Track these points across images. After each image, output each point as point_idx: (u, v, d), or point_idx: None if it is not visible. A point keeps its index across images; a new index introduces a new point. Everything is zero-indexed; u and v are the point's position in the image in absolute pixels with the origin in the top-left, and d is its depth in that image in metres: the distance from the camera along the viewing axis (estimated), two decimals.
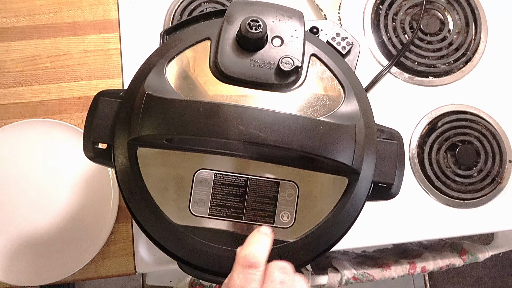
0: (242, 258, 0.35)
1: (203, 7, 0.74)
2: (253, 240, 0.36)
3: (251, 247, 0.36)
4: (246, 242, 0.37)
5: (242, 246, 0.36)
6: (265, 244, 0.36)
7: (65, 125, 0.67)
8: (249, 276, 0.34)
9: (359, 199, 0.45)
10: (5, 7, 0.72)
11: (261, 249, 0.36)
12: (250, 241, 0.36)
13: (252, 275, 0.34)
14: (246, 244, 0.36)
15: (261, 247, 0.36)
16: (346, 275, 0.72)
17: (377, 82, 0.75)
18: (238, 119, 0.40)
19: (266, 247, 0.36)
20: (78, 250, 0.66)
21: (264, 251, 0.36)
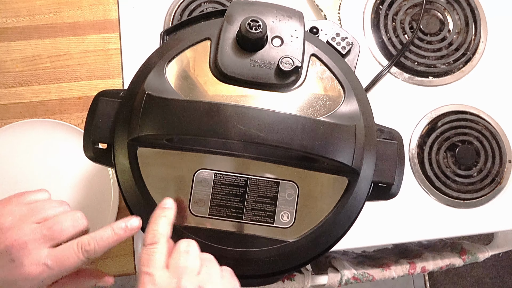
0: (144, 239, 0.39)
1: (203, 7, 0.74)
2: (152, 220, 0.40)
3: (151, 226, 0.39)
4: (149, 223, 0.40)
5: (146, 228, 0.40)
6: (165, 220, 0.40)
7: (65, 125, 0.67)
8: (151, 251, 0.38)
9: (359, 199, 0.45)
10: (5, 7, 0.72)
11: (161, 225, 0.39)
12: (149, 221, 0.40)
13: (153, 249, 0.38)
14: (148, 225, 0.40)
15: (161, 224, 0.39)
16: (346, 275, 0.72)
17: (377, 82, 0.75)
18: (238, 119, 0.40)
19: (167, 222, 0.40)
20: None
21: (165, 227, 0.40)
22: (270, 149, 0.41)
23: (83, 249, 0.39)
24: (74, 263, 0.39)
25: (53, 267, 0.38)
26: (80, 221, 0.42)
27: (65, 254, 0.39)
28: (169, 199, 0.42)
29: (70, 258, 0.39)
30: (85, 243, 0.39)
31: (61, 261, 0.39)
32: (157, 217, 0.40)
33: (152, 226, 0.40)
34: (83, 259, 0.39)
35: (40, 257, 0.38)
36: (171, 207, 0.41)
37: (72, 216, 0.41)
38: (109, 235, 0.40)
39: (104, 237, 0.40)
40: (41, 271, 0.38)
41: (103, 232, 0.40)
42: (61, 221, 0.40)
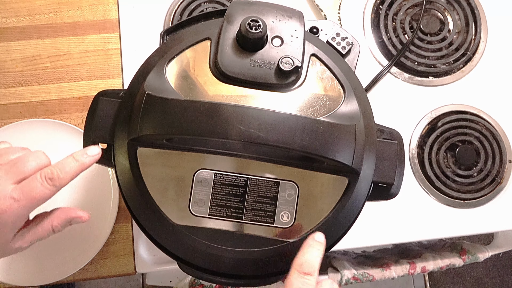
0: (299, 265, 0.39)
1: (203, 7, 0.74)
2: (309, 249, 0.40)
3: (307, 255, 0.40)
4: (302, 249, 0.40)
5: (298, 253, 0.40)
6: (319, 252, 0.40)
7: (65, 125, 0.67)
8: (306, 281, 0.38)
9: (359, 199, 0.45)
10: (5, 7, 0.72)
11: (316, 258, 0.40)
12: (305, 250, 0.40)
13: (309, 281, 0.38)
14: (301, 251, 0.40)
15: (315, 256, 0.40)
16: (346, 275, 0.72)
17: (377, 82, 0.75)
18: (238, 119, 0.40)
19: (320, 255, 0.40)
20: (78, 250, 0.66)
21: (318, 259, 0.40)
22: (270, 149, 0.41)
23: (46, 178, 0.40)
24: (40, 192, 0.40)
25: (20, 199, 0.40)
26: (42, 157, 0.43)
27: (30, 185, 0.40)
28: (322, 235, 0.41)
29: (36, 188, 0.40)
30: (48, 172, 0.41)
31: (27, 192, 0.40)
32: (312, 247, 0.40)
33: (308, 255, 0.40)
34: (49, 187, 0.40)
35: (6, 192, 0.40)
36: (323, 243, 0.41)
37: (34, 154, 0.43)
38: (70, 162, 0.42)
39: (66, 164, 0.42)
40: (9, 205, 0.39)
41: (64, 160, 0.42)
42: (23, 159, 0.42)
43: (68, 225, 0.45)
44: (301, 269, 0.39)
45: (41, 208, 0.66)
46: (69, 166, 0.42)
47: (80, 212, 0.45)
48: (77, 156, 0.43)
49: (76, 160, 0.42)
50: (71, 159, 0.42)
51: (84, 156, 0.43)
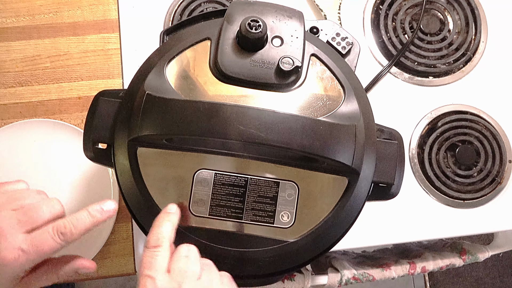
0: (147, 242, 0.39)
1: (203, 7, 0.74)
2: (156, 223, 0.40)
3: (155, 230, 0.40)
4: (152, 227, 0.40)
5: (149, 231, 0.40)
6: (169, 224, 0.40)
7: (65, 125, 0.67)
8: (154, 253, 0.38)
9: (359, 199, 0.45)
10: (5, 7, 0.72)
11: (165, 229, 0.40)
12: (153, 225, 0.40)
13: (156, 252, 0.38)
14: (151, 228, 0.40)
15: (164, 227, 0.40)
16: (346, 275, 0.72)
17: (377, 82, 0.75)
18: (238, 119, 0.40)
19: (170, 226, 0.40)
20: (78, 250, 0.65)
21: (168, 230, 0.40)
22: (270, 149, 0.41)
23: (58, 232, 0.39)
24: (50, 246, 0.39)
25: (29, 251, 0.38)
26: (57, 206, 0.42)
27: (41, 238, 0.39)
28: (174, 205, 0.42)
29: (46, 241, 0.39)
30: (61, 226, 0.40)
31: (37, 245, 0.39)
32: (161, 220, 0.40)
33: (156, 230, 0.40)
34: (59, 242, 0.40)
35: (16, 242, 0.38)
36: (175, 212, 0.41)
37: (48, 202, 0.42)
38: (85, 217, 0.41)
39: (80, 220, 0.41)
40: (16, 256, 0.38)
41: (78, 215, 0.41)
42: (37, 207, 0.41)
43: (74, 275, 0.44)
44: (148, 244, 0.39)
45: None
46: (83, 223, 0.41)
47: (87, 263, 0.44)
48: (93, 211, 0.41)
49: (91, 216, 0.41)
50: (86, 215, 0.41)
51: (99, 213, 0.42)
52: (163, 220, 0.40)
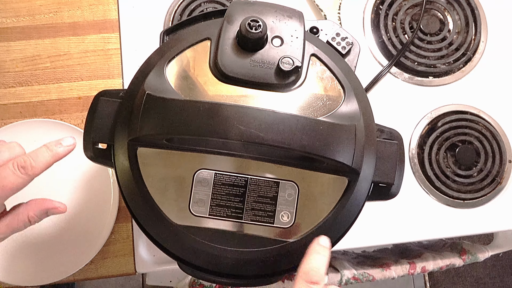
0: (305, 273, 0.37)
1: (203, 7, 0.74)
2: (314, 255, 0.38)
3: (313, 262, 0.38)
4: (307, 256, 0.39)
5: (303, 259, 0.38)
6: (325, 258, 0.38)
7: (65, 125, 0.67)
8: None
9: (359, 199, 0.45)
10: (5, 7, 0.72)
11: (322, 264, 0.38)
12: (311, 256, 0.38)
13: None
14: (307, 258, 0.38)
15: (321, 263, 0.38)
16: (346, 275, 0.72)
17: (377, 82, 0.75)
18: (238, 119, 0.40)
19: (326, 261, 0.38)
20: (78, 250, 0.66)
21: (324, 266, 0.38)
22: (270, 149, 0.41)
23: (19, 166, 0.40)
24: (12, 181, 0.40)
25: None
26: (17, 148, 0.43)
27: (2, 173, 0.40)
28: (327, 238, 0.40)
29: (8, 176, 0.40)
30: (20, 160, 0.41)
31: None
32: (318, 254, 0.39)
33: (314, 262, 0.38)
34: (20, 175, 0.40)
35: None
36: (328, 247, 0.40)
37: (8, 145, 0.43)
38: (44, 151, 0.42)
39: (39, 154, 0.41)
40: None
41: (37, 150, 0.42)
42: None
43: (44, 216, 0.45)
44: (308, 277, 0.37)
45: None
46: (43, 156, 0.42)
47: (56, 203, 0.45)
48: (51, 146, 0.42)
49: (50, 149, 0.42)
50: (45, 149, 0.42)
51: (58, 146, 0.43)
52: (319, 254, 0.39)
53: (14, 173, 0.40)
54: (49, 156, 0.42)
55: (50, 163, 0.42)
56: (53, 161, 0.42)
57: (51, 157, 0.42)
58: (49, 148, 0.42)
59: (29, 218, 0.44)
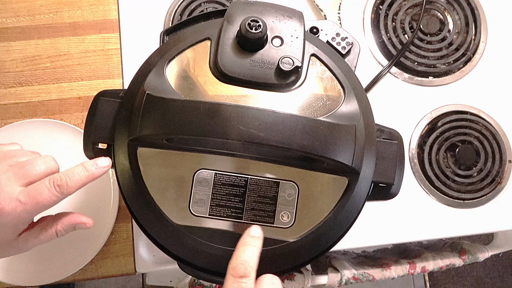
0: (233, 268, 0.37)
1: (203, 7, 0.74)
2: (243, 248, 0.38)
3: (241, 256, 0.38)
4: (237, 249, 0.38)
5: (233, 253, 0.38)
6: (254, 250, 0.38)
7: (65, 125, 0.67)
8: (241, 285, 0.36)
9: (359, 199, 0.45)
10: (5, 7, 0.72)
11: (251, 257, 0.38)
12: (239, 249, 0.38)
13: (244, 284, 0.36)
14: (236, 252, 0.38)
15: (250, 254, 0.38)
16: (346, 275, 0.72)
17: (377, 82, 0.75)
18: (238, 119, 0.40)
19: (256, 253, 0.38)
20: (78, 250, 0.66)
21: (254, 258, 0.38)
22: (270, 149, 0.41)
23: (55, 184, 0.40)
24: (47, 197, 0.40)
25: (26, 202, 0.40)
26: (51, 162, 0.43)
27: (38, 189, 0.40)
28: (258, 227, 0.40)
29: (43, 193, 0.40)
30: (57, 178, 0.41)
31: (34, 196, 0.40)
32: (246, 246, 0.39)
33: (241, 256, 0.38)
34: (55, 193, 0.40)
35: (13, 193, 0.40)
36: (260, 236, 0.40)
37: (44, 158, 0.43)
38: (80, 171, 0.42)
39: (76, 173, 0.42)
40: (14, 207, 0.39)
41: (74, 169, 0.42)
42: (33, 162, 0.42)
43: (72, 230, 0.45)
44: (235, 272, 0.37)
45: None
46: (79, 175, 0.42)
47: (84, 219, 0.45)
48: (88, 166, 0.42)
49: (86, 170, 0.42)
50: (81, 168, 0.42)
51: (94, 167, 0.43)
52: (248, 246, 0.38)
53: (50, 191, 0.40)
54: (84, 177, 0.42)
55: (84, 184, 0.42)
56: (87, 182, 0.42)
57: (86, 177, 0.42)
58: (86, 168, 0.42)
59: (57, 231, 0.44)
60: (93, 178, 0.42)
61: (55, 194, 0.40)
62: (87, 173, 0.42)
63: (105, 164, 0.43)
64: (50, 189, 0.40)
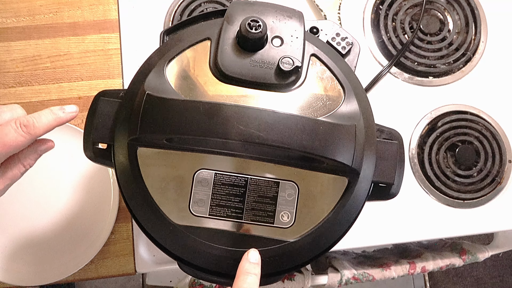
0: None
1: (203, 7, 0.74)
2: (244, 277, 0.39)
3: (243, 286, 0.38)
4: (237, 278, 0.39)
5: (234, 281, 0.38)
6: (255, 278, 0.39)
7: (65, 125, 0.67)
8: None
9: (359, 199, 0.45)
10: (5, 7, 0.72)
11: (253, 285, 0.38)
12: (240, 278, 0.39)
13: None
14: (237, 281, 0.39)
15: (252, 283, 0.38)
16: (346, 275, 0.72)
17: (377, 82, 0.75)
18: (238, 119, 0.40)
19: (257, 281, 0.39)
20: (78, 250, 0.66)
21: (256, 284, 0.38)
22: (270, 149, 0.41)
23: (21, 125, 0.41)
24: (13, 138, 0.40)
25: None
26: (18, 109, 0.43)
27: (4, 130, 0.40)
28: (255, 252, 0.41)
29: (9, 133, 0.40)
30: (23, 120, 0.41)
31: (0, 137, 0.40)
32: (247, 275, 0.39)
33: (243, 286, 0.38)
34: (22, 134, 0.41)
35: None
36: (259, 262, 0.40)
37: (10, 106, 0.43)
38: (47, 113, 0.42)
39: (42, 115, 0.42)
40: None
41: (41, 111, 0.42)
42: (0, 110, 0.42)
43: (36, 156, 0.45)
44: None
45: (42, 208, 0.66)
46: (46, 118, 0.42)
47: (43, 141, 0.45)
48: (55, 109, 0.43)
49: (53, 113, 0.42)
50: (49, 112, 0.42)
51: (62, 111, 0.43)
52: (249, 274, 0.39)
53: (16, 131, 0.40)
54: (51, 119, 0.42)
55: (52, 126, 0.42)
56: (55, 125, 0.42)
57: (53, 120, 0.42)
58: (52, 112, 0.42)
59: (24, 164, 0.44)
60: (60, 122, 0.43)
61: (22, 134, 0.40)
62: (54, 116, 0.42)
63: (72, 110, 0.43)
64: (16, 129, 0.40)
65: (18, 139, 0.40)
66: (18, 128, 0.40)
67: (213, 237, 0.44)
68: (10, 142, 0.40)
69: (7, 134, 0.40)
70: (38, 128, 0.41)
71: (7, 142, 0.40)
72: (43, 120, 0.41)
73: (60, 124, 0.43)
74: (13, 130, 0.40)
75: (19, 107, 0.43)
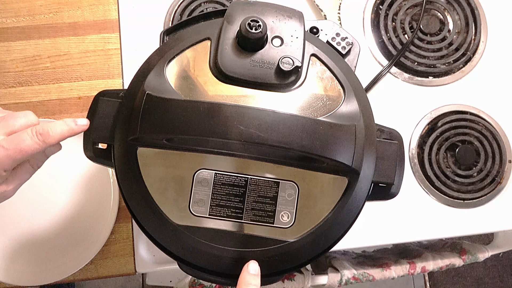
0: None
1: (203, 7, 0.74)
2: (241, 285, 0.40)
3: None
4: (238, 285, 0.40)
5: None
6: None
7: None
8: None
9: (359, 199, 0.45)
10: (5, 7, 0.72)
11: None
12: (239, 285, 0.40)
13: None
14: None
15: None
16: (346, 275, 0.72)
17: (377, 82, 0.75)
18: (238, 119, 0.40)
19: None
20: (78, 250, 0.66)
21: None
22: (270, 149, 0.41)
23: (37, 133, 0.42)
24: (29, 144, 0.42)
25: (8, 148, 0.41)
26: (32, 116, 0.45)
27: (20, 136, 0.42)
28: (255, 264, 0.42)
29: (25, 140, 0.42)
30: (39, 128, 0.43)
31: (16, 142, 0.41)
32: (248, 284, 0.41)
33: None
34: (37, 141, 0.42)
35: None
36: (258, 274, 0.42)
37: (24, 113, 0.45)
38: (61, 124, 0.44)
39: (57, 125, 0.43)
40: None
41: (55, 122, 0.44)
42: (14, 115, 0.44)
43: (45, 159, 0.47)
44: None
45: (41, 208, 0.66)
46: (60, 128, 0.43)
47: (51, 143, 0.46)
48: (68, 121, 0.44)
49: (67, 124, 0.44)
50: (62, 123, 0.44)
51: (74, 123, 0.44)
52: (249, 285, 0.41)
53: (32, 138, 0.42)
54: (65, 130, 0.44)
55: (65, 136, 0.44)
56: (68, 135, 0.44)
57: (67, 131, 0.44)
58: (66, 123, 0.44)
59: (32, 165, 0.46)
60: (72, 133, 0.44)
61: (37, 142, 0.42)
62: (67, 127, 0.44)
63: (83, 123, 0.45)
64: (32, 137, 0.42)
65: (33, 146, 0.42)
66: (34, 136, 0.42)
67: (213, 237, 0.44)
68: (26, 149, 0.41)
69: (24, 140, 0.42)
70: (53, 137, 0.43)
71: (24, 148, 0.41)
72: (58, 130, 0.43)
73: (72, 135, 0.44)
74: (29, 137, 0.42)
75: (32, 113, 0.45)
